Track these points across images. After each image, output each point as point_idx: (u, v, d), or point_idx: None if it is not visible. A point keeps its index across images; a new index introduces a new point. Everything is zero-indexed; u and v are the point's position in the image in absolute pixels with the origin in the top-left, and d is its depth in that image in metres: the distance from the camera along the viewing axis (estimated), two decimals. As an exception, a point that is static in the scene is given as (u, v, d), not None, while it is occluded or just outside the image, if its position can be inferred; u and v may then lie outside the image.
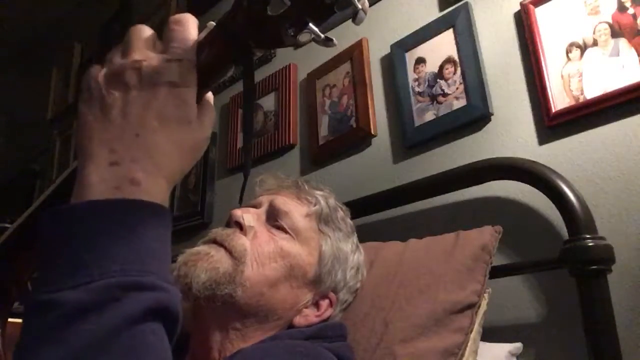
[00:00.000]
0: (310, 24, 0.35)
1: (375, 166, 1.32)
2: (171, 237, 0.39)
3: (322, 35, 0.36)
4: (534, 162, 0.96)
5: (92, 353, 0.31)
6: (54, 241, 0.35)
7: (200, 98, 0.42)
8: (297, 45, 0.37)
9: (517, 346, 0.91)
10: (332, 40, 0.37)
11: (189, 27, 0.41)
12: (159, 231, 0.37)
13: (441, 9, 1.28)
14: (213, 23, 0.42)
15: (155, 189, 0.38)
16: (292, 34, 0.36)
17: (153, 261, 0.36)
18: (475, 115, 1.13)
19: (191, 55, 0.41)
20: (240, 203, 0.50)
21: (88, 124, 0.39)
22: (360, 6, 0.35)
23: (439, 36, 1.24)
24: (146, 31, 0.42)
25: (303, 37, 0.36)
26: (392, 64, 1.33)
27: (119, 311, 0.32)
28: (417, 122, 1.23)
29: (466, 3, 1.22)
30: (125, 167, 0.37)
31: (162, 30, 0.42)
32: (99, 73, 0.41)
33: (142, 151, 0.38)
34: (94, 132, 0.39)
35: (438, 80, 1.22)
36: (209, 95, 0.45)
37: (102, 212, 0.35)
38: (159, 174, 0.38)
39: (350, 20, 0.36)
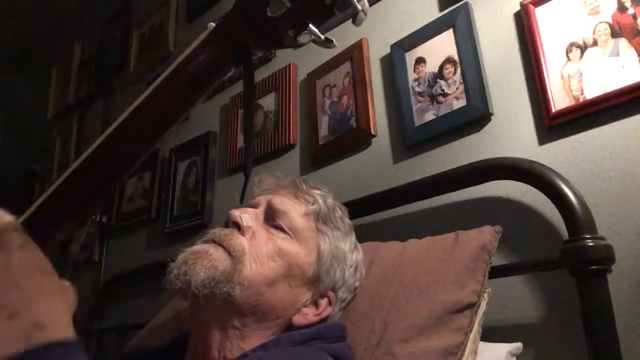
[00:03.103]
0: (310, 25, 0.35)
1: (375, 166, 1.32)
2: (171, 237, 0.39)
3: (322, 36, 0.36)
4: (534, 162, 0.96)
5: None
6: None
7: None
8: (297, 47, 0.37)
9: (517, 346, 0.91)
10: (332, 41, 0.37)
11: None
12: None
13: (441, 9, 1.28)
14: (213, 24, 0.42)
15: (61, 323, 0.37)
16: (292, 35, 0.36)
17: None
18: (475, 115, 1.13)
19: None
20: (242, 203, 0.50)
21: None
22: (360, 7, 0.35)
23: (439, 36, 1.24)
24: None
25: (303, 38, 0.36)
26: (392, 64, 1.33)
27: None
28: (417, 122, 1.23)
29: (466, 3, 1.22)
30: (24, 316, 0.36)
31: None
32: None
33: (30, 295, 0.37)
34: None
35: (438, 80, 1.22)
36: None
37: None
38: (59, 308, 0.38)
39: (351, 21, 0.36)
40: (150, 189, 2.06)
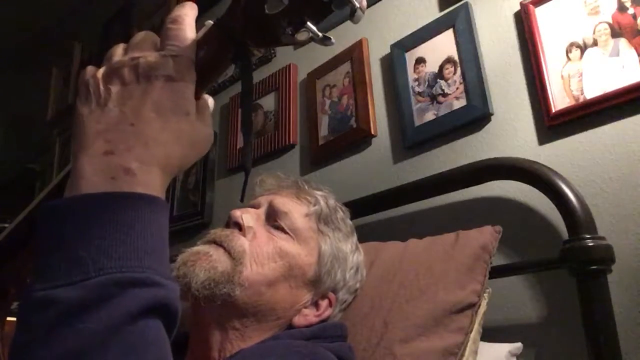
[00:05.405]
0: (308, 23, 0.35)
1: (375, 166, 1.31)
2: (171, 237, 0.39)
3: (320, 34, 0.36)
4: (534, 162, 0.96)
5: (91, 351, 0.31)
6: (49, 236, 0.35)
7: (198, 96, 0.42)
8: (295, 44, 0.37)
9: (517, 346, 0.91)
10: (330, 39, 0.37)
11: (186, 25, 0.42)
12: (155, 224, 0.37)
13: (441, 9, 1.28)
14: (211, 22, 0.42)
15: (151, 180, 0.37)
16: (290, 32, 0.36)
17: (149, 256, 0.35)
18: (475, 115, 1.13)
19: (188, 52, 0.41)
20: (242, 200, 0.50)
21: (83, 116, 0.39)
22: (357, 4, 0.35)
23: (439, 36, 1.24)
24: (150, 35, 0.43)
25: (301, 35, 0.36)
26: (392, 64, 1.33)
27: (117, 308, 0.32)
28: (417, 122, 1.23)
29: (466, 3, 1.22)
30: (119, 157, 0.37)
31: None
32: (97, 71, 0.41)
33: (136, 140, 0.37)
34: (89, 123, 0.39)
35: (438, 80, 1.22)
36: (206, 96, 0.45)
37: (97, 206, 0.35)
38: (154, 163, 0.38)
39: (349, 19, 0.36)
40: (150, 189, 2.05)
